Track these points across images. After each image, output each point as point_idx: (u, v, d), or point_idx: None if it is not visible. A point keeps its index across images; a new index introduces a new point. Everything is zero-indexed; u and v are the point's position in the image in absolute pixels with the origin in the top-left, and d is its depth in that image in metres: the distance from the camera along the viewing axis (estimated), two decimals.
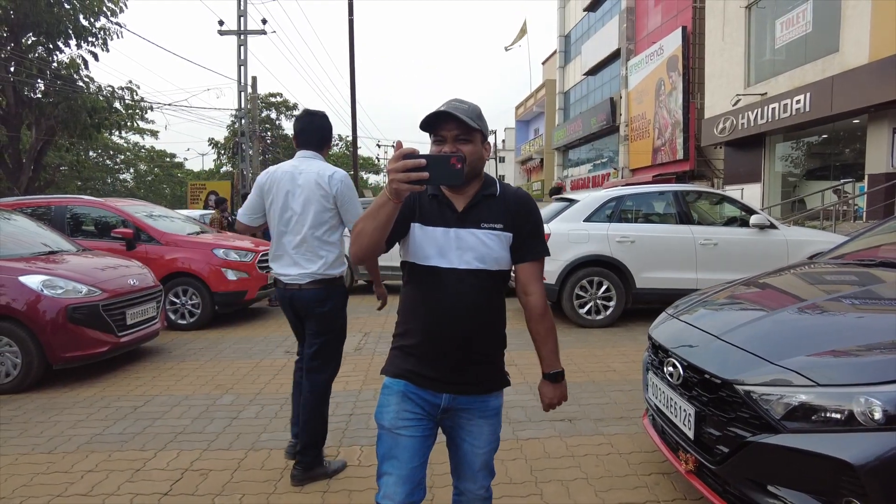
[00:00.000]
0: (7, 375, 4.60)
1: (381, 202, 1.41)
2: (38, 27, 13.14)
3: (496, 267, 1.66)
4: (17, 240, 5.69)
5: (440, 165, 1.35)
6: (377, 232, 1.46)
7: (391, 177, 1.33)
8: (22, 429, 3.78)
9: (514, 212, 1.69)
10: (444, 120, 1.59)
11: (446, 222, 1.64)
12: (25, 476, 3.09)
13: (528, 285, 1.73)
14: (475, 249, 1.63)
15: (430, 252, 1.64)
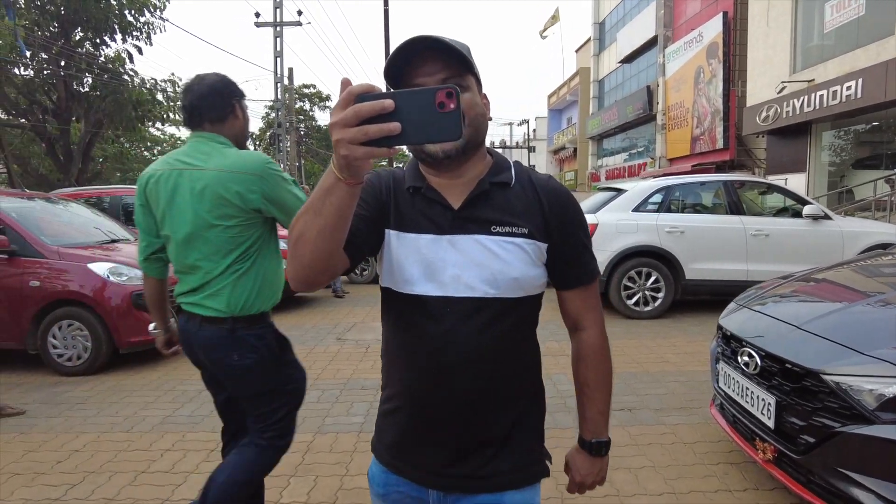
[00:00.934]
0: (79, 358, 4.81)
1: (328, 185, 0.85)
2: (87, 23, 13.52)
3: (517, 293, 1.10)
4: (79, 229, 5.91)
5: (421, 108, 0.77)
6: (325, 237, 0.90)
7: (336, 135, 0.77)
8: (98, 409, 3.96)
9: (549, 211, 1.14)
10: (418, 57, 1.02)
11: (436, 226, 1.10)
12: (110, 453, 3.24)
13: (580, 318, 1.23)
14: (483, 266, 1.08)
15: (412, 272, 1.10)
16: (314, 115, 40.01)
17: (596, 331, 1.24)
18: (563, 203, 1.16)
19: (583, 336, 1.24)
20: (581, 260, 1.19)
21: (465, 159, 1.10)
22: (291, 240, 0.94)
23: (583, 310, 1.23)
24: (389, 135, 0.76)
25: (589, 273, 1.21)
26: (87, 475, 2.97)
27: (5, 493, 2.80)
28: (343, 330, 6.27)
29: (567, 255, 1.16)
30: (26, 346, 4.86)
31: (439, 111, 0.76)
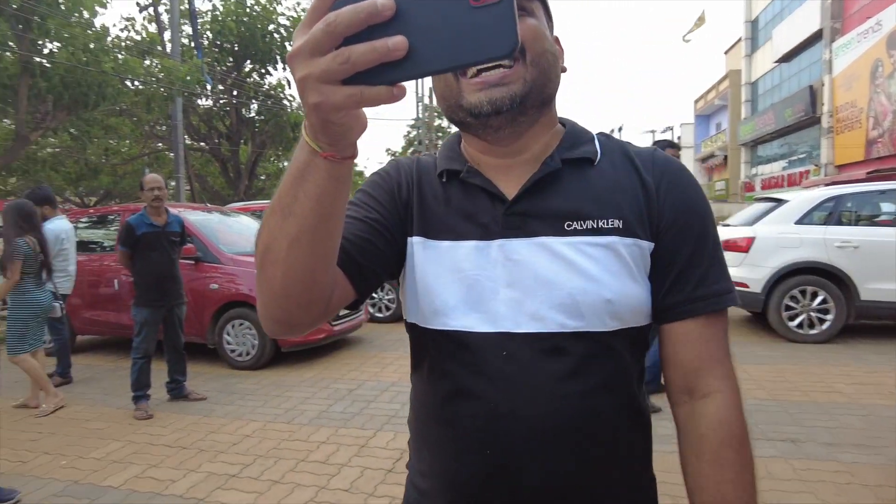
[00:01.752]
0: (247, 354, 5.39)
1: (299, 165, 0.55)
2: (254, 56, 15.22)
3: (612, 324, 0.74)
4: (248, 238, 6.65)
5: (436, 3, 0.43)
6: (302, 250, 0.60)
7: (300, 71, 0.45)
8: (264, 400, 4.41)
9: (659, 197, 0.77)
10: None
11: (481, 228, 0.77)
12: (274, 440, 3.59)
13: (699, 374, 0.76)
14: (556, 285, 0.73)
15: (446, 298, 0.76)
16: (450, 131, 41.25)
17: (729, 398, 0.75)
18: (682, 185, 0.78)
19: (704, 408, 0.75)
20: (700, 273, 0.76)
21: (526, 120, 0.74)
22: (257, 258, 0.63)
23: (704, 359, 0.76)
24: (390, 58, 0.43)
25: (714, 296, 0.76)
26: (257, 458, 3.32)
27: (194, 465, 3.23)
28: None
29: (682, 264, 0.76)
30: (206, 340, 5.55)
31: (473, 4, 0.42)
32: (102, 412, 4.21)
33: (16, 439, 3.69)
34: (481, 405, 0.74)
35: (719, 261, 0.78)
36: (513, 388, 0.72)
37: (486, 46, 0.42)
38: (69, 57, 8.33)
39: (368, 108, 0.48)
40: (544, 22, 0.76)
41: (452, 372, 0.76)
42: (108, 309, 5.92)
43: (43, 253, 4.26)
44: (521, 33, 0.53)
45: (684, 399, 0.77)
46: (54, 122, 9.29)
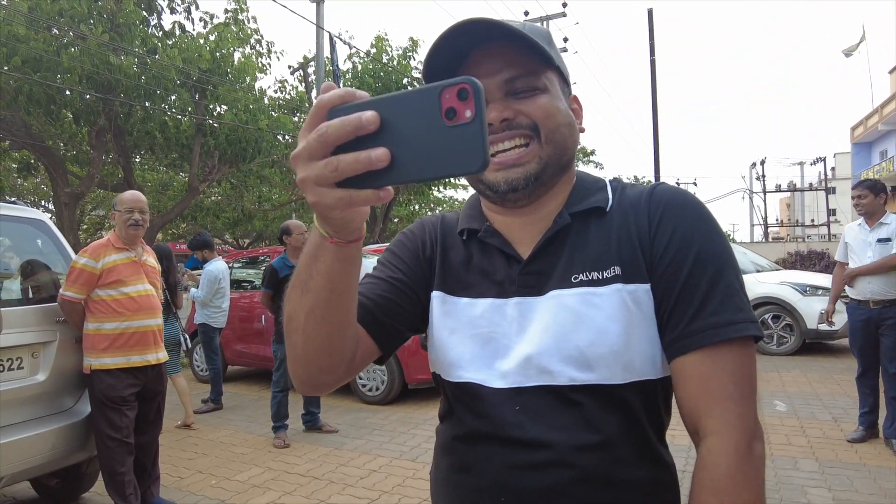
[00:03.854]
0: (377, 389, 5.59)
1: (313, 248, 0.63)
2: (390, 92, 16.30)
3: (624, 375, 0.73)
4: None
5: (419, 119, 0.48)
6: (317, 321, 0.66)
7: (300, 173, 0.51)
8: (390, 436, 4.52)
9: (650, 230, 0.76)
10: (474, 51, 0.75)
11: (497, 286, 0.79)
12: (399, 478, 3.65)
13: (703, 412, 0.70)
14: (565, 337, 0.73)
15: (462, 352, 0.79)
16: None
17: (722, 443, 0.68)
18: (675, 211, 0.75)
19: (700, 450, 0.71)
20: (701, 306, 0.71)
21: (543, 189, 0.77)
22: (284, 327, 0.70)
23: (701, 397, 0.70)
24: (372, 168, 0.47)
25: (714, 329, 0.70)
26: (382, 494, 3.39)
27: (324, 496, 3.37)
28: None
29: (675, 298, 0.72)
30: None
31: (448, 124, 0.46)
32: (246, 438, 4.57)
33: (176, 457, 4.11)
34: (492, 459, 0.75)
35: (722, 292, 0.71)
36: (524, 443, 0.73)
37: (458, 162, 0.47)
38: (232, 118, 9.49)
39: None
40: (559, 92, 0.78)
41: (470, 422, 0.78)
42: (256, 343, 6.47)
43: (169, 291, 4.72)
44: (533, 113, 0.71)
45: (694, 440, 0.73)
46: (219, 175, 10.57)
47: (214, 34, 9.33)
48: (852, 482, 3.44)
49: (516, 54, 0.73)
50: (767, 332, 7.75)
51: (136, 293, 3.00)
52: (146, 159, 12.11)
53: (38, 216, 3.30)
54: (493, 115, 0.73)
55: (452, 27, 0.70)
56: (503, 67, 0.73)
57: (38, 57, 7.24)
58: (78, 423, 2.91)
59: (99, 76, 7.64)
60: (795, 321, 7.53)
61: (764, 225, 32.32)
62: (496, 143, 0.73)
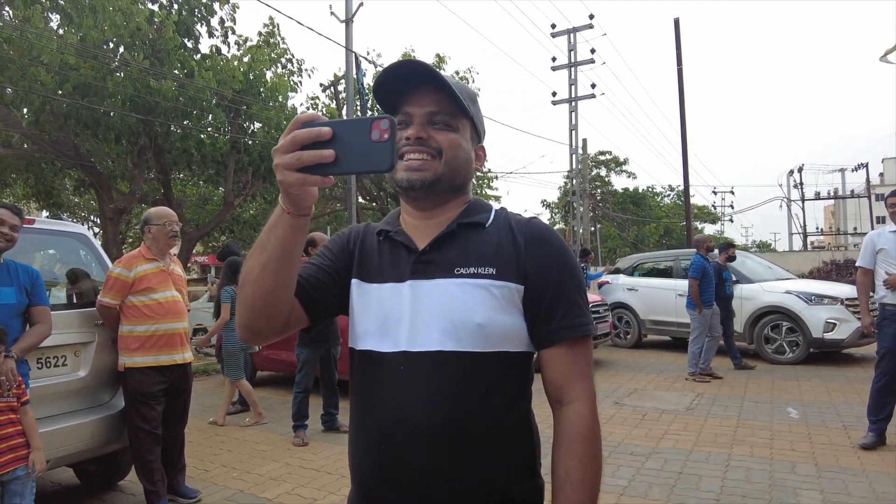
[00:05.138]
0: None
1: (274, 218, 0.88)
2: None
3: (484, 346, 0.95)
4: None
5: (355, 137, 0.78)
6: (268, 274, 0.89)
7: (275, 160, 0.80)
8: None
9: (526, 251, 1.00)
10: (411, 85, 0.99)
11: (397, 273, 1.01)
12: None
13: (563, 388, 0.97)
14: (443, 315, 0.95)
15: (367, 326, 1.00)
16: (610, 181, 40.50)
17: (584, 406, 0.96)
18: (545, 242, 1.02)
19: (566, 413, 0.97)
20: (563, 310, 0.98)
21: (437, 198, 1.02)
22: (241, 284, 0.94)
23: (567, 376, 0.97)
24: (322, 161, 0.77)
25: (573, 327, 0.98)
26: None
27: (335, 488, 3.64)
28: (623, 395, 6.17)
29: (545, 302, 0.98)
30: None
31: (373, 140, 0.76)
32: (268, 437, 4.87)
33: (203, 452, 4.44)
34: (382, 408, 0.96)
35: (578, 300, 1.00)
36: (404, 396, 0.94)
37: (375, 163, 0.78)
38: (265, 135, 9.97)
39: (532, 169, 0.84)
40: (467, 136, 1.05)
41: (367, 384, 1.00)
42: (283, 349, 6.80)
43: None
44: (441, 141, 0.98)
45: (556, 407, 1.00)
46: (253, 189, 11.07)
47: (248, 56, 9.85)
48: (846, 486, 3.50)
49: (442, 98, 1.00)
50: (774, 340, 7.77)
51: (164, 299, 3.33)
52: (186, 175, 12.76)
53: (81, 230, 3.68)
54: (411, 132, 0.99)
55: (399, 63, 0.97)
56: (430, 104, 1.00)
57: (86, 83, 7.83)
58: (113, 416, 3.24)
59: (140, 99, 8.20)
60: (801, 330, 7.49)
61: (803, 234, 31.46)
62: (410, 152, 0.99)
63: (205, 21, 9.46)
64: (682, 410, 5.43)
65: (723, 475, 3.72)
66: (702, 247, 7.10)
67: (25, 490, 2.40)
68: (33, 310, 2.71)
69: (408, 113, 1.00)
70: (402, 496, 0.94)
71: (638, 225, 34.86)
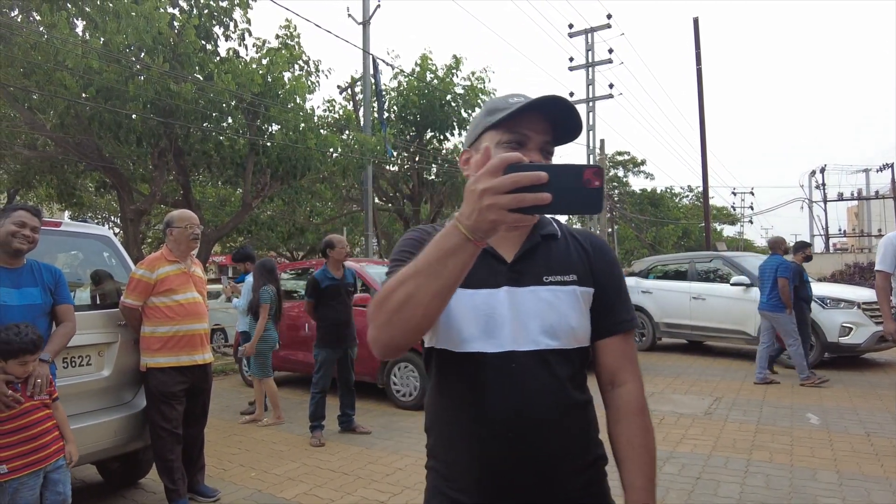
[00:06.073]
0: (410, 395, 5.86)
1: (452, 245, 0.84)
2: (434, 124, 16.67)
3: (574, 344, 1.11)
4: None
5: (569, 182, 0.81)
6: (441, 299, 0.89)
7: (487, 201, 0.79)
8: (418, 439, 4.76)
9: (594, 259, 1.17)
10: (536, 115, 1.07)
11: (491, 280, 1.08)
12: (421, 476, 3.80)
13: (618, 371, 1.15)
14: (541, 318, 1.08)
15: (470, 330, 1.07)
16: (628, 182, 40.20)
17: (637, 386, 1.16)
18: (605, 251, 1.21)
19: (621, 392, 1.15)
20: (620, 306, 1.17)
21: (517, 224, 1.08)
22: (391, 304, 0.90)
23: (622, 361, 1.16)
24: (540, 203, 0.79)
25: (628, 321, 1.18)
26: (405, 489, 3.64)
27: (351, 489, 3.66)
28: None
29: (606, 300, 1.16)
30: (377, 380, 6.16)
31: (586, 186, 0.81)
32: (286, 437, 4.92)
33: (222, 451, 4.50)
34: (500, 402, 1.06)
35: (628, 299, 1.21)
36: (518, 389, 1.06)
37: (587, 207, 0.82)
38: (282, 137, 10.07)
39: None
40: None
41: (473, 383, 1.08)
42: (301, 349, 6.86)
43: (278, 299, 5.35)
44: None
45: (608, 388, 1.17)
46: (271, 191, 11.16)
47: (266, 59, 9.94)
48: (869, 494, 3.45)
49: (557, 125, 1.09)
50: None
51: (186, 300, 3.38)
52: (205, 177, 12.91)
53: (104, 232, 3.75)
54: (535, 157, 1.07)
55: (551, 96, 1.04)
56: (548, 133, 1.09)
57: (109, 87, 7.97)
58: (136, 415, 3.30)
59: (161, 102, 8.32)
60: (816, 334, 7.36)
61: (825, 235, 30.91)
62: None
63: (223, 24, 9.57)
64: (700, 414, 5.38)
65: (742, 481, 3.68)
66: (779, 247, 6.97)
67: (67, 479, 2.53)
68: (58, 308, 2.77)
69: (525, 134, 1.07)
70: (527, 471, 1.06)
71: (656, 226, 34.53)
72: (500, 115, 1.08)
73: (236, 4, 9.47)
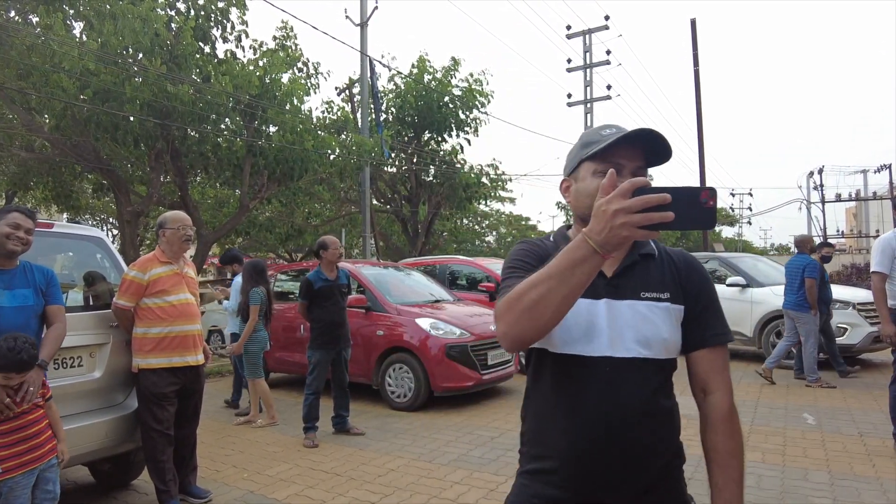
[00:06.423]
0: (405, 396, 5.87)
1: (581, 256, 0.98)
2: (432, 126, 16.68)
3: (664, 354, 1.23)
4: (414, 290, 7.29)
5: (688, 202, 0.94)
6: (568, 302, 1.03)
7: (620, 219, 0.92)
8: (412, 440, 4.77)
9: (686, 277, 1.28)
10: (627, 145, 1.19)
11: (592, 291, 1.16)
12: (414, 476, 3.90)
13: (710, 381, 1.27)
14: (637, 329, 1.20)
15: (572, 334, 1.20)
16: None
17: (725, 394, 1.26)
18: (696, 268, 1.32)
19: (711, 400, 1.27)
20: (711, 321, 1.28)
21: None
22: (524, 304, 1.05)
23: (712, 372, 1.27)
24: (665, 221, 0.92)
25: (719, 335, 1.28)
26: (396, 490, 3.65)
27: (343, 490, 3.66)
28: None
29: (698, 316, 1.27)
30: (372, 381, 6.16)
31: (703, 206, 0.95)
32: (279, 438, 4.93)
33: (215, 453, 4.50)
34: (596, 399, 1.19)
35: (721, 314, 1.31)
36: (612, 389, 1.19)
37: (703, 224, 0.95)
38: (280, 139, 10.07)
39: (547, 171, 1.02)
40: None
41: (573, 381, 1.22)
42: (296, 351, 6.86)
43: (268, 300, 5.37)
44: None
45: (701, 396, 1.30)
46: (268, 193, 11.17)
47: (263, 60, 9.95)
48: (860, 494, 3.46)
49: (648, 153, 1.19)
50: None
51: (178, 301, 3.39)
52: (203, 179, 12.91)
53: (97, 234, 3.76)
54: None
55: (644, 129, 1.15)
56: (640, 160, 1.20)
57: (106, 89, 7.98)
58: (127, 416, 3.31)
59: (158, 104, 8.33)
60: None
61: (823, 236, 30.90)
62: None
63: (220, 25, 9.58)
64: (694, 415, 5.37)
65: None
66: (806, 246, 6.97)
67: (57, 477, 2.56)
68: (49, 309, 2.77)
69: (620, 164, 1.17)
70: (617, 461, 1.18)
71: None
72: (595, 147, 1.19)
73: (233, 4, 9.47)
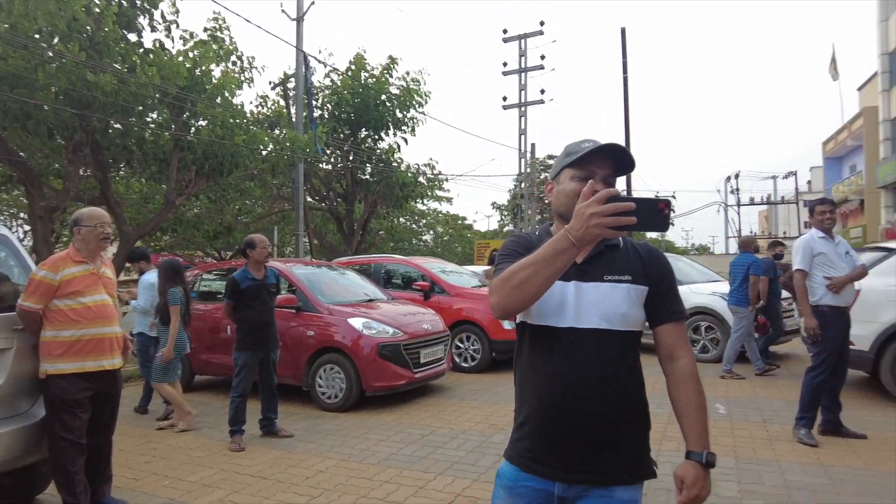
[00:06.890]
0: (336, 397, 5.82)
1: (562, 248, 1.25)
2: (368, 123, 16.55)
3: (623, 327, 1.46)
4: (347, 290, 7.22)
5: (648, 210, 1.19)
6: (548, 283, 1.31)
7: (594, 221, 1.19)
8: (343, 440, 4.75)
9: (648, 265, 1.53)
10: (600, 156, 1.47)
11: (564, 275, 1.38)
12: (343, 477, 3.88)
13: (675, 349, 1.51)
14: (599, 305, 1.45)
15: (547, 308, 1.45)
16: None
17: (690, 359, 1.52)
18: (657, 256, 1.58)
19: (678, 364, 1.51)
20: (673, 302, 1.54)
21: None
22: (514, 281, 1.32)
23: (678, 341, 1.52)
24: (629, 224, 1.19)
25: (680, 312, 1.55)
26: (324, 491, 3.63)
27: (269, 494, 3.61)
28: None
29: (662, 297, 1.52)
30: (301, 383, 6.07)
31: (660, 214, 1.20)
32: (204, 442, 4.78)
33: (134, 460, 4.31)
34: (562, 367, 1.44)
35: (679, 295, 1.56)
36: (577, 358, 1.43)
37: (658, 227, 1.21)
38: (209, 133, 9.72)
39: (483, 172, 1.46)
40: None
41: (545, 349, 1.47)
42: (222, 352, 6.65)
43: (187, 301, 5.16)
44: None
45: (668, 362, 1.53)
46: (196, 189, 10.75)
47: (195, 52, 9.56)
48: (760, 476, 3.73)
49: (616, 163, 1.49)
50: (697, 340, 8.21)
51: (93, 303, 3.23)
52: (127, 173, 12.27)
53: (0, 231, 3.52)
54: (600, 186, 1.31)
55: (609, 144, 1.46)
56: (608, 167, 1.48)
57: (15, 74, 7.44)
58: (32, 426, 3.11)
59: (76, 93, 7.85)
60: (724, 331, 7.89)
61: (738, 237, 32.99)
62: None
63: (147, 13, 9.14)
64: None
65: None
66: (750, 246, 7.50)
67: None
68: None
69: (593, 170, 1.45)
70: (577, 417, 1.42)
71: None
72: (574, 156, 1.48)
73: None
